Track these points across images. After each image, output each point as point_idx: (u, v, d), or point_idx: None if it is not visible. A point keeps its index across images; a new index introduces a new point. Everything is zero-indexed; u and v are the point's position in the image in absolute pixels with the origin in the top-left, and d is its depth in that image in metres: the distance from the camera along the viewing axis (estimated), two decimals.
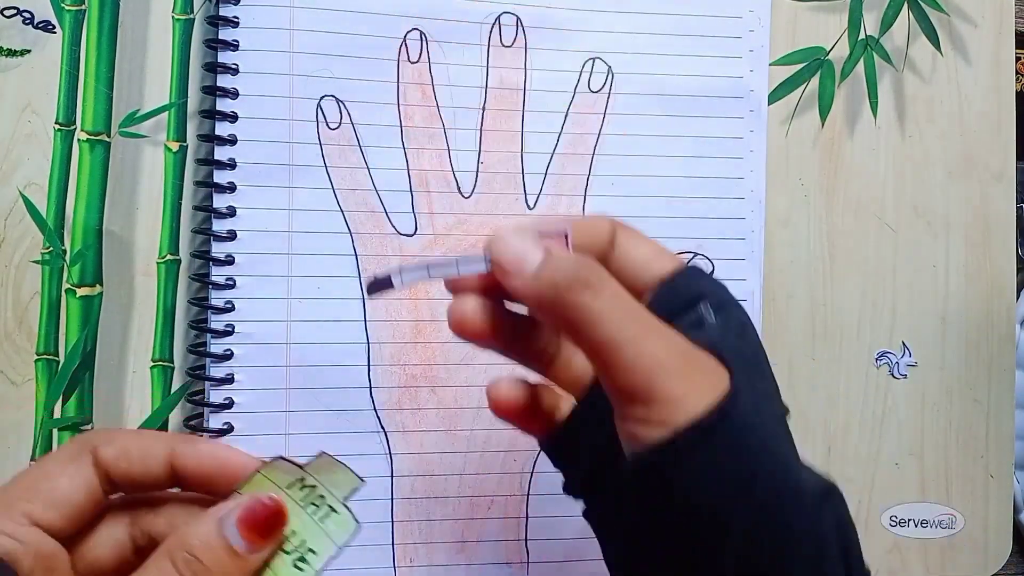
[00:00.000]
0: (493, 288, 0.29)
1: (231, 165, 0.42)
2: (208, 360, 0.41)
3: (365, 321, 0.42)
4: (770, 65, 0.46)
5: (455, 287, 0.30)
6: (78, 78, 0.42)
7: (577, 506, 0.30)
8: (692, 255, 0.45)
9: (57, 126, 0.42)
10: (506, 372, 0.30)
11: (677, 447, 0.25)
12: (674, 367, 0.26)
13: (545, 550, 0.43)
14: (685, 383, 0.26)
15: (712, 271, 0.45)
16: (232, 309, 0.41)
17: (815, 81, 0.47)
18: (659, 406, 0.26)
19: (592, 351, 0.27)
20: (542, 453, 0.32)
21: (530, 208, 0.44)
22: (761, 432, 0.27)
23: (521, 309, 0.29)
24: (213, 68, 0.42)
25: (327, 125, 0.42)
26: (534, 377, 0.31)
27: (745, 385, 0.27)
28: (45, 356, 0.42)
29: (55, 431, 0.42)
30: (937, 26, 0.48)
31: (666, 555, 0.27)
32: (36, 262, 0.42)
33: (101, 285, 0.42)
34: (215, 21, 0.42)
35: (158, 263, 0.42)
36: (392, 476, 0.42)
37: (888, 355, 0.46)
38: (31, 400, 0.42)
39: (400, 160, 0.43)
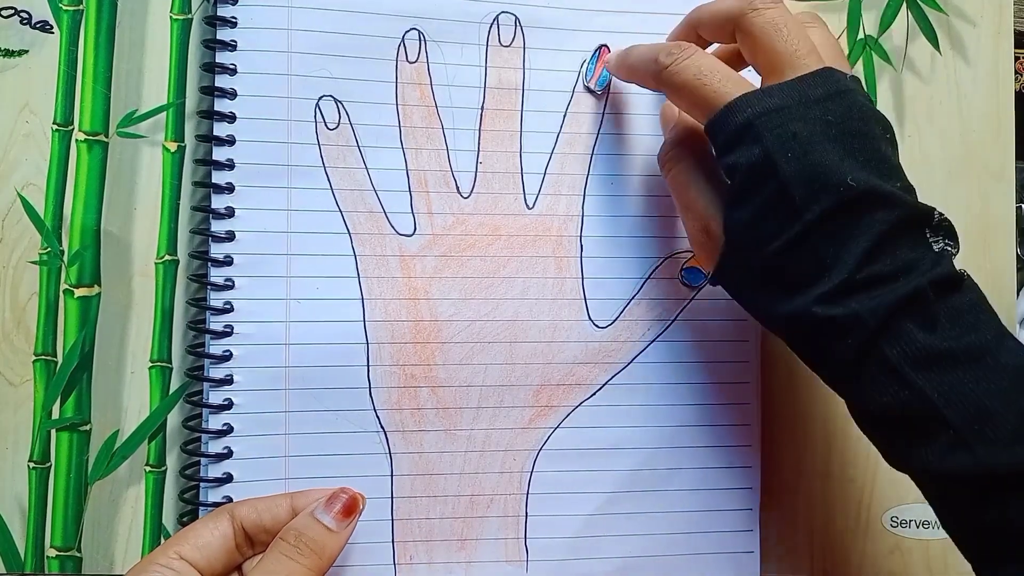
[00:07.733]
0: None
1: (229, 165, 0.42)
2: (207, 361, 0.41)
3: (364, 322, 0.42)
4: None
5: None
6: (76, 78, 0.42)
7: (575, 506, 0.30)
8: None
9: (55, 126, 0.42)
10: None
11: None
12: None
13: (544, 549, 0.43)
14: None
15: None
16: (231, 310, 0.41)
17: None
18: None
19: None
20: (541, 452, 0.32)
21: (529, 208, 0.44)
22: (750, 281, 0.36)
23: None
24: (211, 68, 0.42)
25: (325, 125, 0.42)
26: None
27: (733, 252, 0.36)
28: (43, 357, 0.42)
29: (53, 432, 0.42)
30: (936, 26, 0.48)
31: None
32: (34, 263, 0.42)
33: (99, 285, 0.42)
34: (213, 21, 0.42)
35: (156, 264, 0.42)
36: (392, 475, 0.42)
37: None
38: (29, 401, 0.42)
39: (399, 160, 0.43)
